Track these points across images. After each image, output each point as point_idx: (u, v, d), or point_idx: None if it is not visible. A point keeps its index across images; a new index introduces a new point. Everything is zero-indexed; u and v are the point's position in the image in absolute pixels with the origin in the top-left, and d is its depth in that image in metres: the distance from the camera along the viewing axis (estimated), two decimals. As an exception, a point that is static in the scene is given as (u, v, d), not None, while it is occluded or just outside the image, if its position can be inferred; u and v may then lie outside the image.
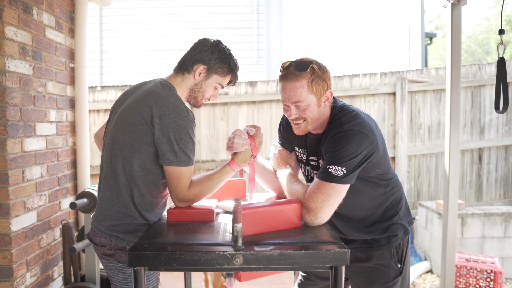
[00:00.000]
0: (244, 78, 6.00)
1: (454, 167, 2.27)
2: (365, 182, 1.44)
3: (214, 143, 4.25)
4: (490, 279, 2.92)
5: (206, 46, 1.46)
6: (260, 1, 6.53)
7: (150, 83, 1.48)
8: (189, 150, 1.37)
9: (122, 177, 1.39)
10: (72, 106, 2.67)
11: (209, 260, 1.05)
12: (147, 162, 1.38)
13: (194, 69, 1.45)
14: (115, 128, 1.42)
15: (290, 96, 1.35)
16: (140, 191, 1.39)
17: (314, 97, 1.35)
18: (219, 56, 1.45)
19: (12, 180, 2.00)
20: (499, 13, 15.13)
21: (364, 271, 1.56)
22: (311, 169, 1.55)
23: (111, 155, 1.42)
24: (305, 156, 1.57)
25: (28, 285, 2.14)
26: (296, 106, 1.37)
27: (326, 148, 1.34)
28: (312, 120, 1.40)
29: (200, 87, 1.48)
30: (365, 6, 7.89)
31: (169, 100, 1.35)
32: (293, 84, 1.34)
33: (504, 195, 4.38)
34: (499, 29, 1.82)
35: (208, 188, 1.42)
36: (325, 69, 1.39)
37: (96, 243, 1.44)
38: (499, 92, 1.84)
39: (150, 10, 6.61)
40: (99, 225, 1.42)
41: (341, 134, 1.31)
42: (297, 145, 1.61)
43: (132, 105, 1.40)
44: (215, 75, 1.47)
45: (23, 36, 2.09)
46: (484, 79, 4.23)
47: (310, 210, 1.28)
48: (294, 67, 1.35)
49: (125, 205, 1.39)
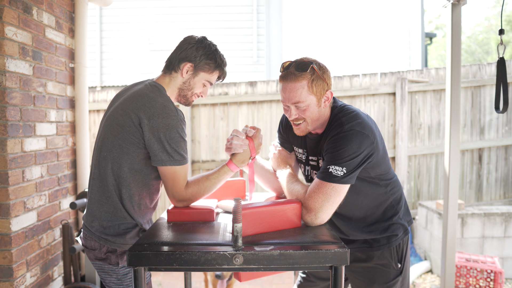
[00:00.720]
0: (244, 78, 6.01)
1: (454, 167, 2.27)
2: (365, 182, 1.44)
3: (214, 143, 4.25)
4: (490, 279, 2.92)
5: (191, 43, 1.46)
6: (260, 1, 6.53)
7: (140, 84, 1.49)
8: (181, 149, 1.37)
9: (110, 178, 1.39)
10: (72, 106, 2.67)
11: (209, 260, 1.05)
12: (136, 163, 1.39)
13: (181, 68, 1.46)
14: (104, 130, 1.43)
15: (290, 96, 1.35)
16: (128, 192, 1.40)
17: (314, 97, 1.35)
18: (205, 53, 1.45)
19: (12, 180, 2.00)
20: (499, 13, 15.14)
21: (364, 271, 1.56)
22: (311, 169, 1.55)
23: (99, 156, 1.42)
24: (304, 156, 1.57)
25: (28, 285, 2.14)
26: (296, 106, 1.36)
27: (327, 148, 1.34)
28: (312, 120, 1.40)
29: (189, 85, 1.48)
30: (365, 6, 7.89)
31: (157, 101, 1.36)
32: (293, 84, 1.33)
33: (504, 195, 4.38)
34: (499, 29, 1.82)
35: (205, 188, 1.42)
36: (325, 69, 1.38)
37: (87, 247, 1.44)
38: (499, 92, 1.84)
39: (150, 10, 6.62)
40: (89, 227, 1.43)
41: (342, 134, 1.31)
42: (297, 145, 1.61)
43: (121, 106, 1.40)
44: (202, 72, 1.47)
45: (23, 36, 2.09)
46: (484, 79, 4.23)
47: (310, 210, 1.28)
48: (294, 67, 1.34)
49: (114, 206, 1.40)
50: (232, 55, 6.61)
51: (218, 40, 1.61)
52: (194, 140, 4.26)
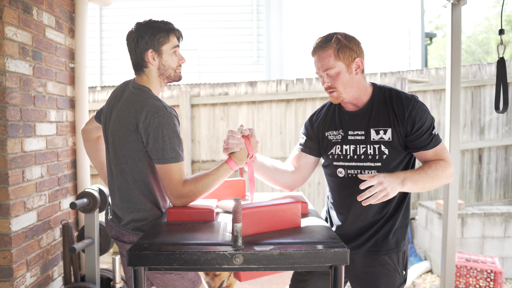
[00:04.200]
0: (244, 78, 6.01)
1: (454, 167, 2.27)
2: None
3: (214, 143, 4.25)
4: (490, 279, 2.92)
5: (134, 37, 1.49)
6: (260, 1, 6.53)
7: (126, 89, 1.53)
8: (177, 146, 1.40)
9: (134, 186, 1.48)
10: (72, 106, 2.67)
11: (209, 260, 1.05)
12: (152, 166, 1.47)
13: (147, 60, 1.49)
14: (113, 145, 1.50)
15: (320, 65, 1.46)
16: (154, 193, 1.50)
17: (342, 64, 1.43)
18: (150, 32, 1.47)
19: (12, 180, 2.00)
20: (499, 13, 15.13)
21: (368, 277, 1.52)
22: (356, 144, 1.50)
23: (118, 169, 1.50)
24: (340, 136, 1.54)
25: (28, 285, 2.14)
26: (328, 74, 1.45)
27: (412, 121, 1.42)
28: (344, 87, 1.45)
29: (164, 65, 1.51)
30: (365, 6, 7.89)
31: (147, 103, 1.40)
32: (322, 54, 1.45)
33: (504, 195, 4.38)
34: (499, 29, 1.82)
35: (204, 185, 1.42)
36: (351, 38, 1.47)
37: (125, 241, 1.53)
38: (499, 92, 1.84)
39: (150, 10, 6.62)
40: (124, 229, 1.52)
41: (418, 104, 1.44)
42: (331, 128, 1.59)
43: (117, 119, 1.47)
44: (162, 47, 1.49)
45: (23, 36, 2.09)
46: (484, 79, 4.23)
47: (450, 164, 1.45)
48: (322, 40, 1.46)
49: (144, 209, 1.49)
50: (232, 55, 6.61)
51: (218, 40, 1.60)
52: (194, 140, 4.26)
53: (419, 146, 1.44)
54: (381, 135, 1.45)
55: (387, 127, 1.45)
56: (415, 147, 1.44)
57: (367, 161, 1.46)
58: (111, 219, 1.60)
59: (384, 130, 1.45)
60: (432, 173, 1.38)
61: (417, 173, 1.37)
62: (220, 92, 4.24)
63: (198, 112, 4.21)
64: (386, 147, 1.44)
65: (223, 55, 6.56)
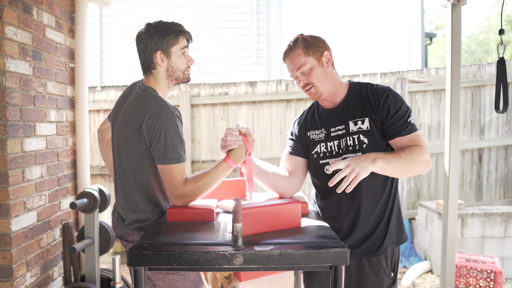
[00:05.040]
0: (244, 78, 6.01)
1: (454, 167, 2.27)
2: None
3: (214, 143, 4.25)
4: (490, 279, 2.92)
5: (143, 37, 1.49)
6: (260, 1, 6.53)
7: (133, 90, 1.54)
8: (178, 147, 1.40)
9: (135, 188, 1.48)
10: (72, 106, 2.67)
11: (209, 259, 1.05)
12: (154, 168, 1.47)
13: (155, 61, 1.49)
14: (118, 146, 1.52)
15: (293, 66, 1.51)
16: (155, 195, 1.50)
17: (312, 58, 1.49)
18: (160, 34, 1.47)
19: (12, 180, 2.00)
20: (499, 13, 15.13)
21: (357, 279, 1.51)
22: (339, 139, 1.52)
23: (120, 170, 1.52)
24: (323, 134, 1.56)
25: (28, 285, 2.14)
26: (302, 72, 1.50)
27: (387, 108, 1.44)
28: (320, 82, 1.49)
29: (172, 67, 1.51)
30: (365, 6, 7.89)
31: (150, 105, 1.40)
32: (291, 55, 1.51)
33: (504, 195, 4.38)
34: (499, 29, 1.82)
35: (204, 184, 1.42)
36: (316, 37, 1.54)
37: (129, 241, 1.54)
38: (499, 92, 1.84)
39: (150, 10, 6.61)
40: (127, 229, 1.53)
41: (392, 93, 1.48)
42: (313, 128, 1.61)
43: (123, 121, 1.48)
44: (171, 48, 1.49)
45: (23, 36, 2.09)
46: (484, 79, 4.23)
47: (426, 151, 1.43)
48: (290, 44, 1.54)
49: (146, 210, 1.49)
50: (232, 55, 6.61)
51: (218, 40, 1.61)
52: (194, 140, 4.26)
53: (394, 133, 1.44)
54: (359, 125, 1.48)
55: (364, 116, 1.48)
56: (391, 133, 1.45)
57: (348, 153, 1.48)
58: (116, 218, 1.61)
59: (362, 120, 1.48)
60: (406, 156, 1.37)
61: (389, 154, 1.37)
62: (220, 92, 4.24)
63: (198, 112, 4.21)
64: (365, 136, 1.45)
65: (223, 55, 6.56)
